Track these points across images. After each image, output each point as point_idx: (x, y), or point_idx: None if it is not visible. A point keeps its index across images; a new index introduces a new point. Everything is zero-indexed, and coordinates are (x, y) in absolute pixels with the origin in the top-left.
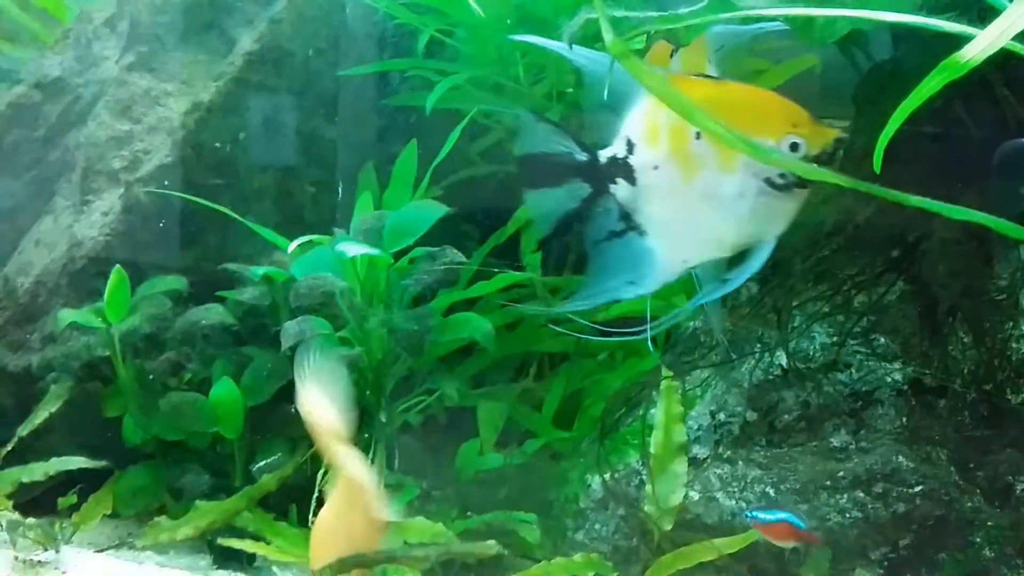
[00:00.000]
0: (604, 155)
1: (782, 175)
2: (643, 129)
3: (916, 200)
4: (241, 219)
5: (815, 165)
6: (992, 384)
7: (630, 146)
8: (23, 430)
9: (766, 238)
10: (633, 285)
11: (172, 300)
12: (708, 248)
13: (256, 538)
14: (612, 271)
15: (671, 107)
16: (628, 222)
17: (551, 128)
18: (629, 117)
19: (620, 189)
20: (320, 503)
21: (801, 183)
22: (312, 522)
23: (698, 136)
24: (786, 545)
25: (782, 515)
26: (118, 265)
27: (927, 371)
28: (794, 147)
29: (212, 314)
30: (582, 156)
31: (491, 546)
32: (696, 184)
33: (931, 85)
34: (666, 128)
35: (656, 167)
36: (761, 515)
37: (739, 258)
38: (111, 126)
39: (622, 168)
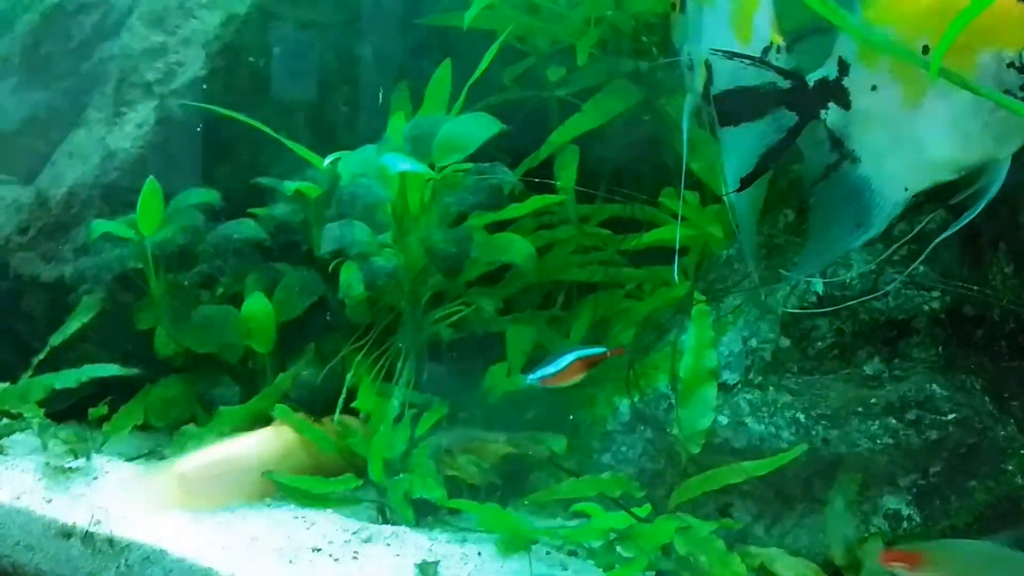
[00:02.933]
0: (812, 79)
1: (1023, 87)
2: (859, 48)
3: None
4: (274, 134)
5: None
6: None
7: (843, 66)
8: (55, 340)
9: (1001, 155)
10: (860, 228)
11: (205, 213)
12: (932, 171)
13: None
14: (835, 215)
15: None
16: (841, 150)
17: (744, 61)
18: (842, 35)
19: (831, 114)
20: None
21: None
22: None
23: (925, 50)
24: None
25: (568, 356)
26: (151, 177)
27: (966, 300)
28: None
29: (244, 229)
30: (786, 83)
31: (543, 450)
32: (923, 102)
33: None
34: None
35: (875, 87)
36: (547, 370)
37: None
38: (145, 37)
39: (833, 91)
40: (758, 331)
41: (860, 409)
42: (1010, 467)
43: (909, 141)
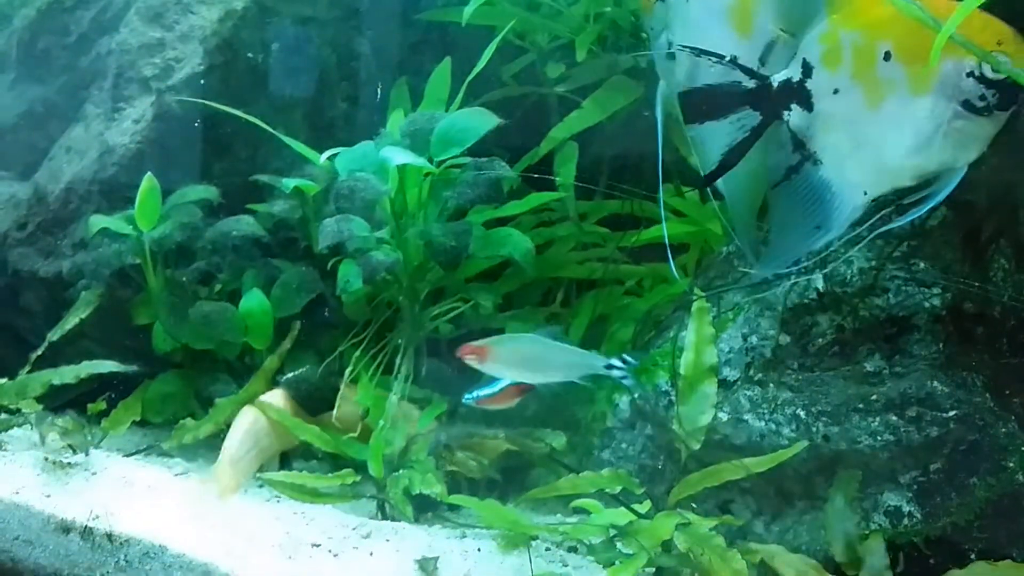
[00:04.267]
0: (777, 80)
1: (982, 97)
2: (823, 51)
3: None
4: (272, 131)
5: None
6: None
7: (807, 69)
8: (53, 335)
9: (957, 164)
10: (820, 230)
11: (203, 210)
12: (890, 177)
13: None
14: (795, 216)
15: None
16: (803, 152)
17: (712, 59)
18: (807, 38)
19: (794, 116)
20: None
21: (1003, 105)
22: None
23: (887, 57)
24: (511, 403)
25: (503, 380)
26: (149, 173)
27: (966, 297)
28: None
29: (243, 225)
30: (751, 83)
31: (542, 447)
32: (882, 108)
33: None
34: (850, 49)
35: (837, 91)
36: (483, 391)
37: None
38: (143, 33)
39: (797, 93)
40: (758, 328)
41: (861, 406)
42: (1011, 464)
43: (869, 146)
